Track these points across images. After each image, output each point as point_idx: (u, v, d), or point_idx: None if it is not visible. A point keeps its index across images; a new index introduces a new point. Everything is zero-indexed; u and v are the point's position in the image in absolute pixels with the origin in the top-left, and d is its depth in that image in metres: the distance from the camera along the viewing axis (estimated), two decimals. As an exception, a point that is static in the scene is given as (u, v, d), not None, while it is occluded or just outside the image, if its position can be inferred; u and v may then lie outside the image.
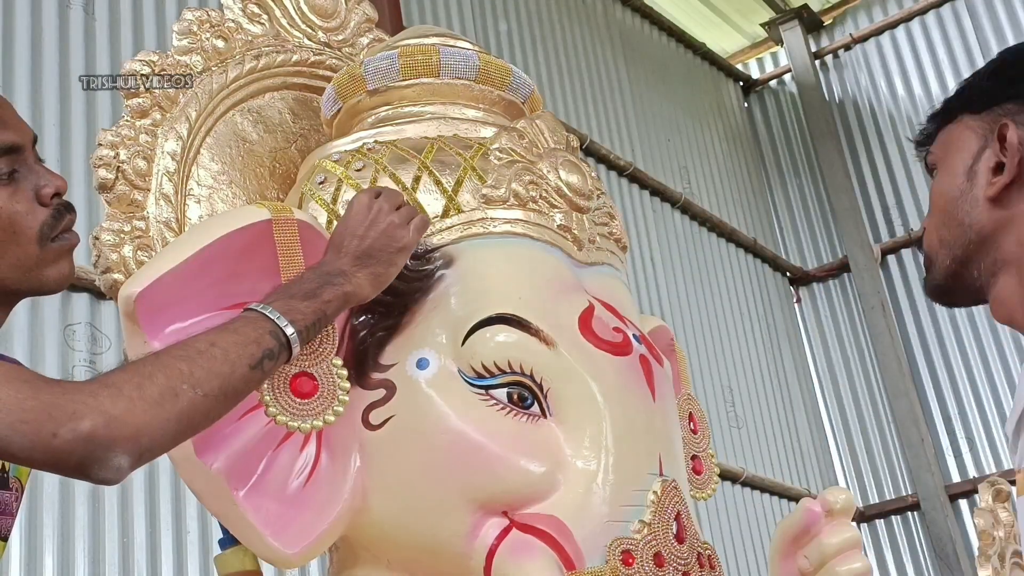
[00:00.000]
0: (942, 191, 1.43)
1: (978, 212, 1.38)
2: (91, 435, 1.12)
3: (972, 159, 1.40)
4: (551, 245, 1.59)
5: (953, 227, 1.40)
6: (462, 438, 1.44)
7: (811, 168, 9.03)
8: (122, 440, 1.14)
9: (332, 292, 1.39)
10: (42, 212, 1.48)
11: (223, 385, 1.25)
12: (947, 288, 1.45)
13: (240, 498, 1.39)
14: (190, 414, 1.22)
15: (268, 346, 1.30)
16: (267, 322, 1.32)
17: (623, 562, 1.38)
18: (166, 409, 1.18)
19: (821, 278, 8.84)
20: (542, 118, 1.70)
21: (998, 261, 1.37)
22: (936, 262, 1.44)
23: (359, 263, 1.43)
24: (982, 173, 1.38)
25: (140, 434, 1.16)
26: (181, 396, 1.20)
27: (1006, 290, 1.38)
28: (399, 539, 1.49)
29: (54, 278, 1.51)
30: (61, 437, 1.11)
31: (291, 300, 1.35)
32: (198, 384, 1.22)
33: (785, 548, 1.61)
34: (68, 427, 1.12)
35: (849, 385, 8.53)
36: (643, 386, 1.53)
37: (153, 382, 1.19)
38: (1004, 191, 1.36)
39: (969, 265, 1.40)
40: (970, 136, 1.41)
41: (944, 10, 8.62)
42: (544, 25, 7.29)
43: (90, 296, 3.99)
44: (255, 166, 1.77)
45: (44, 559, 3.67)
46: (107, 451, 1.14)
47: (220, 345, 1.26)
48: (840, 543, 1.55)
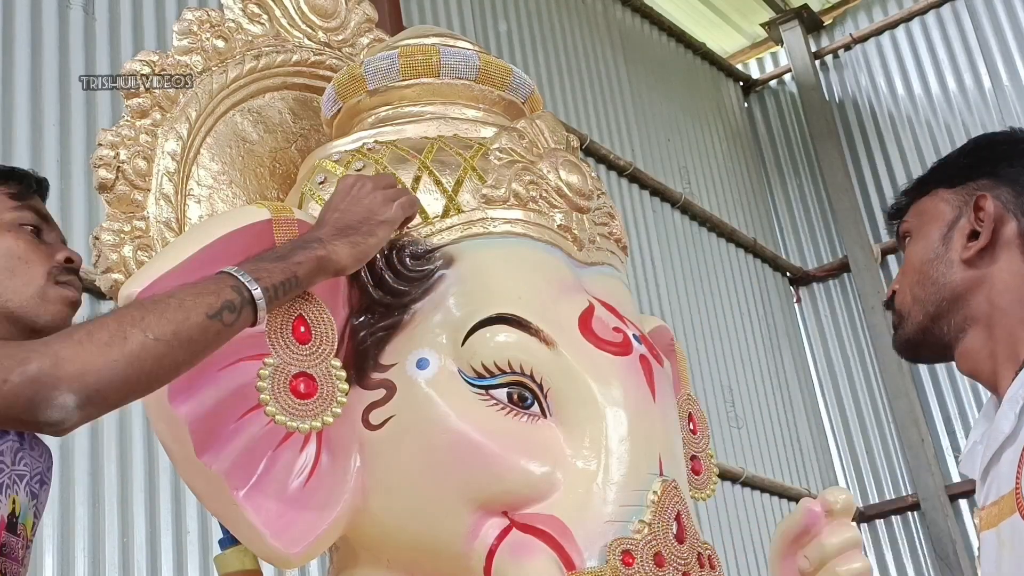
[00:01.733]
0: (918, 255, 1.59)
1: (952, 273, 1.53)
2: (37, 375, 1.14)
3: (947, 227, 1.56)
4: (551, 245, 1.59)
5: (927, 286, 1.56)
6: (462, 438, 1.44)
7: (811, 168, 9.03)
8: (67, 378, 1.15)
9: (304, 255, 1.38)
10: (54, 262, 1.71)
11: (176, 330, 1.24)
12: (916, 343, 1.59)
13: (240, 498, 1.39)
14: (140, 356, 1.21)
15: (229, 297, 1.30)
16: (231, 279, 1.32)
17: (623, 562, 1.37)
18: (114, 350, 1.19)
19: (821, 278, 8.84)
20: (542, 118, 1.70)
21: (968, 318, 1.52)
22: (908, 319, 1.59)
23: (337, 233, 1.44)
24: (957, 239, 1.54)
25: (85, 372, 1.17)
26: (130, 339, 1.20)
27: (974, 345, 1.52)
28: (399, 539, 1.49)
29: (51, 313, 1.66)
30: (11, 382, 1.13)
31: (260, 262, 1.36)
32: (149, 328, 1.22)
33: (785, 548, 1.62)
34: (18, 371, 1.14)
35: (849, 385, 8.53)
36: (643, 386, 1.53)
37: (103, 327, 1.20)
38: (977, 255, 1.52)
39: (940, 321, 1.55)
40: (944, 207, 1.58)
41: (944, 10, 8.61)
42: (544, 25, 7.29)
43: (90, 296, 3.98)
44: (255, 166, 1.77)
45: (44, 559, 3.67)
46: (52, 390, 1.15)
47: (177, 296, 1.27)
48: (840, 543, 1.55)
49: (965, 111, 8.32)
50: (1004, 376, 1.47)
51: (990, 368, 1.50)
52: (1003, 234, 1.51)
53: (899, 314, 1.60)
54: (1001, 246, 1.51)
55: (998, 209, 1.51)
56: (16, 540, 1.56)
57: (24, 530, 1.59)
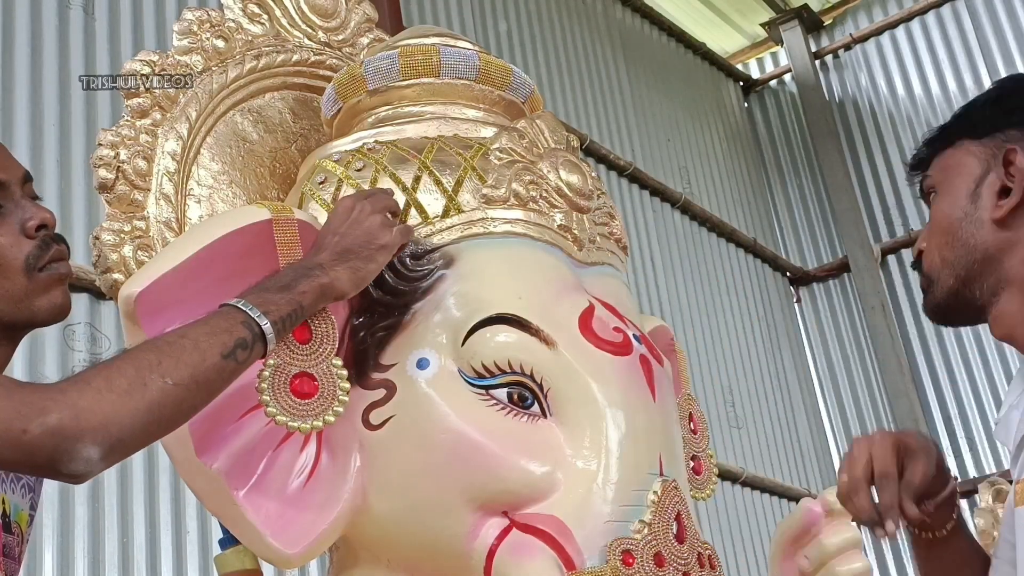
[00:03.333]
0: (944, 213, 1.46)
1: (983, 233, 1.42)
2: (59, 427, 1.12)
3: (975, 183, 1.44)
4: (551, 245, 1.59)
5: (957, 247, 1.44)
6: (462, 438, 1.44)
7: (811, 168, 9.03)
8: (90, 430, 1.14)
9: (308, 284, 1.38)
10: (27, 244, 1.50)
11: (194, 374, 1.24)
12: (948, 306, 1.48)
13: (240, 498, 1.39)
14: (160, 403, 1.21)
15: (241, 335, 1.29)
16: (240, 313, 1.31)
17: (623, 562, 1.37)
18: (135, 399, 1.18)
19: (821, 278, 8.84)
20: (542, 118, 1.70)
21: (1002, 280, 1.41)
22: (938, 282, 1.47)
23: (337, 258, 1.43)
24: (986, 196, 1.42)
25: (108, 423, 1.16)
26: (150, 385, 1.19)
27: (1009, 308, 1.42)
28: (399, 539, 1.49)
29: (46, 308, 1.53)
30: (31, 432, 1.11)
31: (265, 293, 1.35)
32: (167, 373, 1.21)
33: (785, 548, 1.62)
34: (37, 422, 1.12)
35: (849, 385, 8.53)
36: (643, 386, 1.53)
37: (121, 374, 1.19)
38: (1009, 214, 1.40)
39: (971, 284, 1.44)
40: (972, 161, 1.45)
41: (944, 10, 8.62)
42: (544, 25, 7.29)
43: (90, 296, 3.99)
44: (255, 166, 1.77)
45: (44, 558, 3.67)
46: (76, 442, 1.13)
47: (191, 336, 1.26)
48: (840, 543, 1.55)
49: (965, 111, 8.31)
50: None
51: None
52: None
53: (928, 277, 1.49)
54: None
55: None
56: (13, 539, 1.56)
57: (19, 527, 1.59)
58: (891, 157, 8.65)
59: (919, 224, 8.33)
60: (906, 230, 8.41)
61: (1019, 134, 1.43)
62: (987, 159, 1.44)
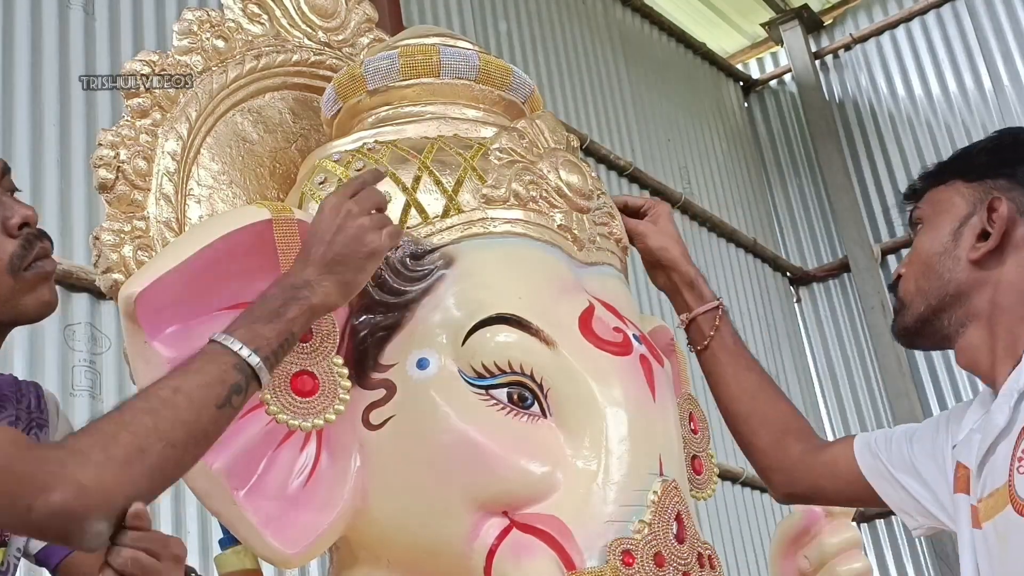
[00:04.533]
0: (926, 246, 1.59)
1: (959, 270, 1.54)
2: (63, 508, 1.11)
3: (959, 222, 1.56)
4: (551, 245, 1.59)
5: (933, 279, 1.56)
6: (462, 438, 1.44)
7: (811, 168, 9.03)
8: (95, 508, 1.14)
9: (297, 308, 1.34)
10: (10, 243, 1.49)
11: (190, 432, 1.22)
12: (915, 331, 1.60)
13: (240, 498, 1.39)
14: (161, 467, 1.20)
15: (234, 381, 1.26)
16: (231, 356, 1.27)
17: (623, 562, 1.37)
18: (135, 468, 1.17)
19: (821, 278, 8.84)
20: (542, 118, 1.70)
21: (969, 314, 1.53)
22: (910, 307, 1.59)
23: (326, 270, 1.38)
24: (967, 236, 1.54)
25: (112, 498, 1.15)
26: (149, 452, 1.18)
27: (973, 340, 1.53)
28: (399, 539, 1.49)
29: (33, 306, 1.52)
30: (36, 511, 1.11)
31: (254, 326, 1.31)
32: (163, 436, 1.19)
33: (785, 548, 1.62)
34: (40, 500, 1.11)
35: (849, 385, 8.52)
36: (643, 386, 1.53)
37: (118, 443, 1.17)
38: (985, 256, 1.52)
39: (940, 314, 1.56)
40: (959, 201, 1.58)
41: (944, 10, 8.61)
42: (544, 25, 7.28)
43: (90, 296, 3.98)
44: (255, 166, 1.77)
45: (44, 559, 3.67)
46: (82, 521, 1.13)
47: (184, 391, 1.23)
48: (840, 543, 1.56)
49: (965, 111, 8.32)
50: (1002, 371, 1.48)
51: (988, 363, 1.51)
52: (1013, 237, 1.52)
53: (901, 301, 1.61)
54: (1010, 249, 1.52)
55: (1011, 212, 1.52)
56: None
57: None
58: (891, 157, 8.64)
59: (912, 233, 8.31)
60: (906, 230, 8.36)
61: (1007, 184, 1.54)
62: (974, 202, 1.56)
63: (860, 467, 1.62)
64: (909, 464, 1.59)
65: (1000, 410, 1.44)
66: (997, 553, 1.39)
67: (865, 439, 1.65)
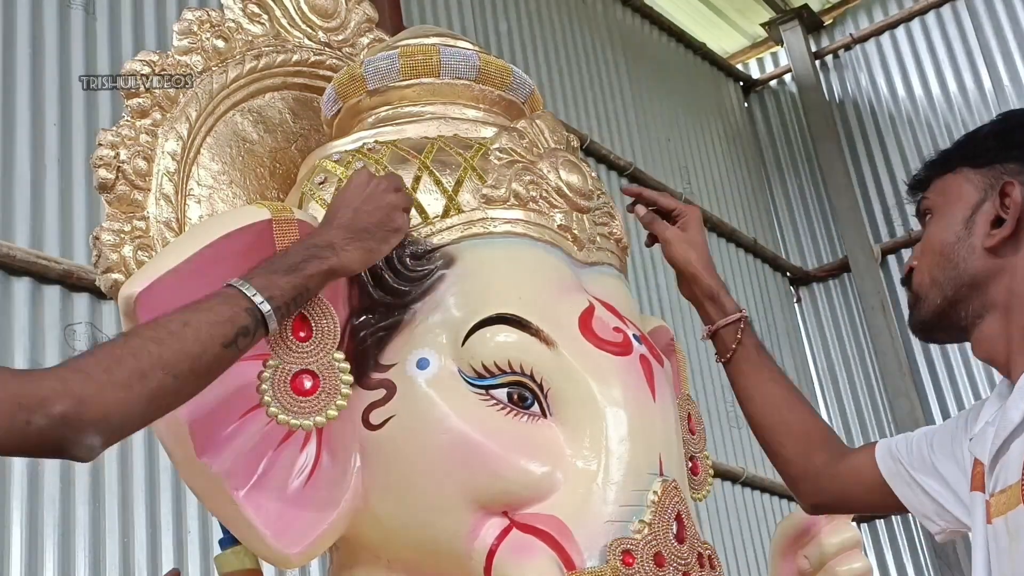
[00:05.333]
0: (938, 236, 1.54)
1: (974, 259, 1.49)
2: (63, 417, 1.13)
3: (971, 210, 1.51)
4: (551, 245, 1.59)
5: (948, 269, 1.51)
6: (462, 438, 1.44)
7: (811, 168, 9.03)
8: (93, 421, 1.16)
9: (316, 266, 1.38)
10: None
11: (194, 366, 1.25)
12: (932, 325, 1.55)
13: (240, 498, 1.39)
14: (160, 394, 1.22)
15: (243, 323, 1.30)
16: (244, 299, 1.31)
17: (623, 562, 1.37)
18: (135, 391, 1.19)
19: (821, 278, 8.84)
20: (542, 118, 1.70)
21: (986, 304, 1.49)
22: (925, 300, 1.54)
23: (351, 236, 1.43)
24: (980, 224, 1.49)
25: (110, 415, 1.17)
26: (150, 377, 1.20)
27: (990, 330, 1.49)
28: (399, 539, 1.49)
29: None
30: (35, 423, 1.12)
31: (272, 275, 1.35)
32: (167, 365, 1.22)
33: (785, 548, 1.62)
34: (40, 412, 1.12)
35: (849, 385, 8.52)
36: (643, 386, 1.53)
37: (122, 365, 1.19)
38: (1000, 243, 1.47)
39: (957, 306, 1.51)
40: (969, 188, 1.52)
41: (944, 10, 8.61)
42: (544, 25, 7.29)
43: (90, 296, 3.99)
44: (255, 166, 1.77)
45: (45, 559, 3.67)
46: (79, 432, 1.15)
47: (192, 325, 1.26)
48: (840, 543, 1.56)
49: (965, 111, 8.32)
50: (1018, 363, 1.45)
51: (1005, 354, 1.48)
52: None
53: (916, 294, 1.56)
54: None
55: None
56: None
57: None
58: (891, 157, 8.65)
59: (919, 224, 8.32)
60: (906, 230, 8.40)
61: (1018, 168, 1.49)
62: (984, 188, 1.51)
63: (882, 473, 1.60)
64: (930, 465, 1.56)
65: (1015, 405, 1.40)
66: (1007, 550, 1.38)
67: (887, 444, 1.63)
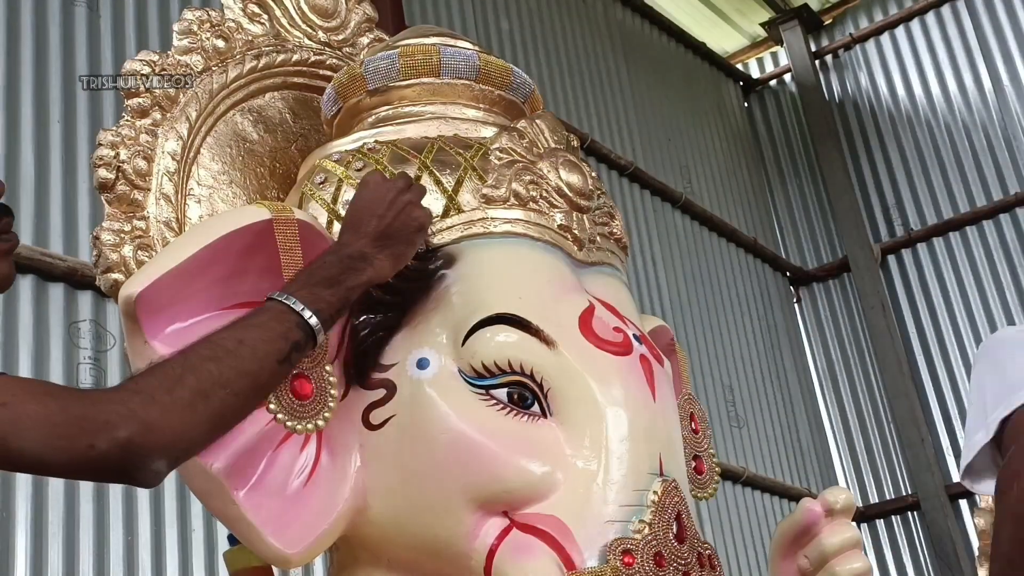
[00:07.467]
0: None
1: None
2: (128, 443, 1.12)
3: None
4: (551, 245, 1.59)
5: None
6: (462, 438, 1.44)
7: (811, 168, 9.04)
8: (160, 447, 1.15)
9: (355, 279, 1.39)
10: None
11: (253, 383, 1.26)
12: None
13: (240, 498, 1.39)
14: (222, 414, 1.22)
15: (295, 339, 1.31)
16: (293, 315, 1.32)
17: (623, 562, 1.37)
18: (199, 412, 1.18)
19: (821, 278, 8.85)
20: (542, 118, 1.70)
21: None
22: None
23: (380, 244, 1.44)
24: None
25: (177, 439, 1.16)
26: (212, 398, 1.20)
27: None
28: (399, 539, 1.49)
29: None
30: (98, 448, 1.11)
31: (315, 288, 1.35)
32: (228, 384, 1.22)
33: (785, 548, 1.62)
34: (103, 437, 1.11)
35: (849, 385, 8.53)
36: (643, 386, 1.53)
37: (183, 385, 1.18)
38: None
39: None
40: None
41: (944, 10, 8.62)
42: (545, 25, 7.29)
43: (94, 294, 3.99)
44: (255, 166, 1.77)
45: (50, 557, 3.67)
46: (145, 458, 1.14)
47: (248, 343, 1.26)
48: (840, 543, 1.55)
49: (965, 111, 8.32)
50: None
51: None
52: None
53: None
54: None
55: None
56: None
57: None
58: (891, 157, 8.65)
59: (919, 224, 8.34)
60: (906, 230, 8.41)
61: None
62: None
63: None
64: None
65: None
66: None
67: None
